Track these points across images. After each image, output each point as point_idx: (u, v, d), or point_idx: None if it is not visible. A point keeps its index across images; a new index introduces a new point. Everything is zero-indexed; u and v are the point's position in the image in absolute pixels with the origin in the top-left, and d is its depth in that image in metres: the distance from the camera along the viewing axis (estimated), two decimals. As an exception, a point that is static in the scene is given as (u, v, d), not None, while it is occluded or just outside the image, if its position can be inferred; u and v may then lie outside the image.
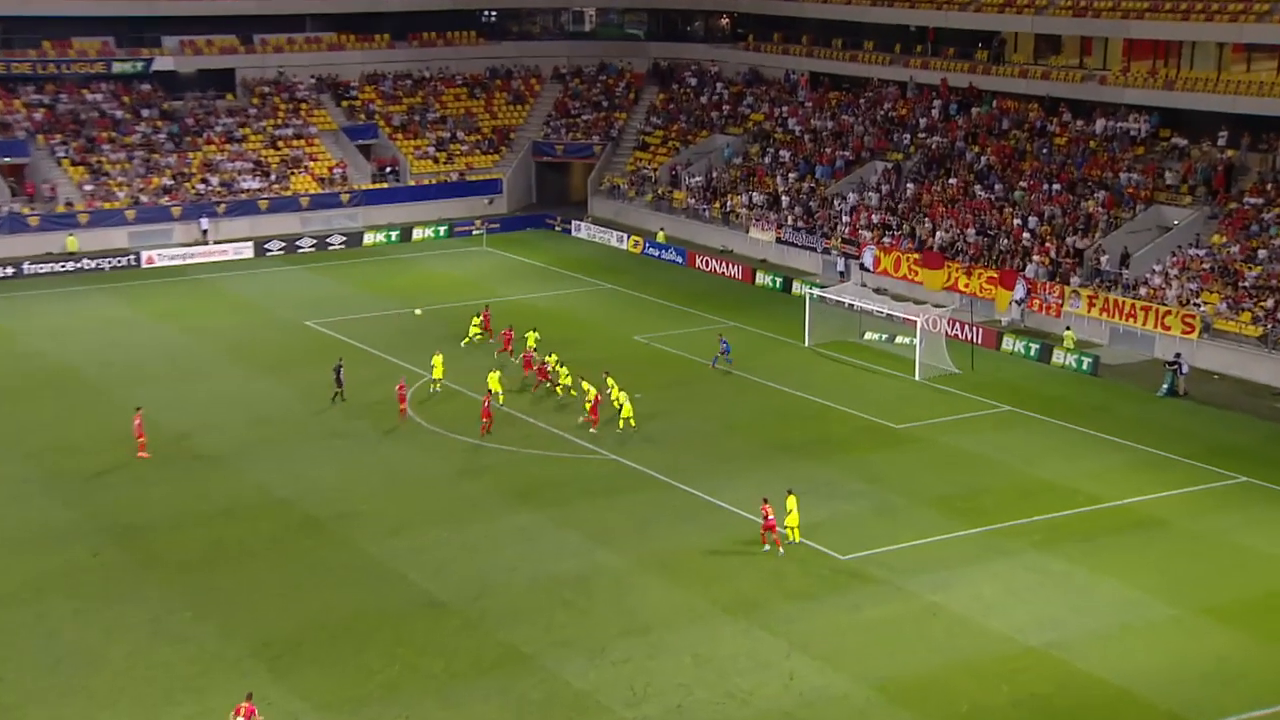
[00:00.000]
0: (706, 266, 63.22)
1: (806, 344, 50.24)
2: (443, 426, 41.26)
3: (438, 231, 69.64)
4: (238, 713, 24.80)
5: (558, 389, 43.81)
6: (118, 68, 70.99)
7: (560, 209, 74.35)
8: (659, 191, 71.50)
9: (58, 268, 60.12)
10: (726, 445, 40.13)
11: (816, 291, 52.57)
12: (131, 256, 62.11)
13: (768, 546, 32.81)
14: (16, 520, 33.64)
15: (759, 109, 74.29)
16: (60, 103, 69.36)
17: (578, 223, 71.03)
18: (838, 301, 51.25)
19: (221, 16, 74.06)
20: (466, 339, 47.93)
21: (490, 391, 42.06)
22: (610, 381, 42.39)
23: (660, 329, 52.74)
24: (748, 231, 65.53)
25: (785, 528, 33.03)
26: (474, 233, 69.37)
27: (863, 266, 58.70)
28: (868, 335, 50.75)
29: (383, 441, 40.10)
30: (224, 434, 40.33)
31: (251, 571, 31.50)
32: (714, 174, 70.46)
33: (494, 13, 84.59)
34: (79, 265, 60.60)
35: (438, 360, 44.20)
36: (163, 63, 72.10)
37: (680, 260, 64.67)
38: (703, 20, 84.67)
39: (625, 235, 68.17)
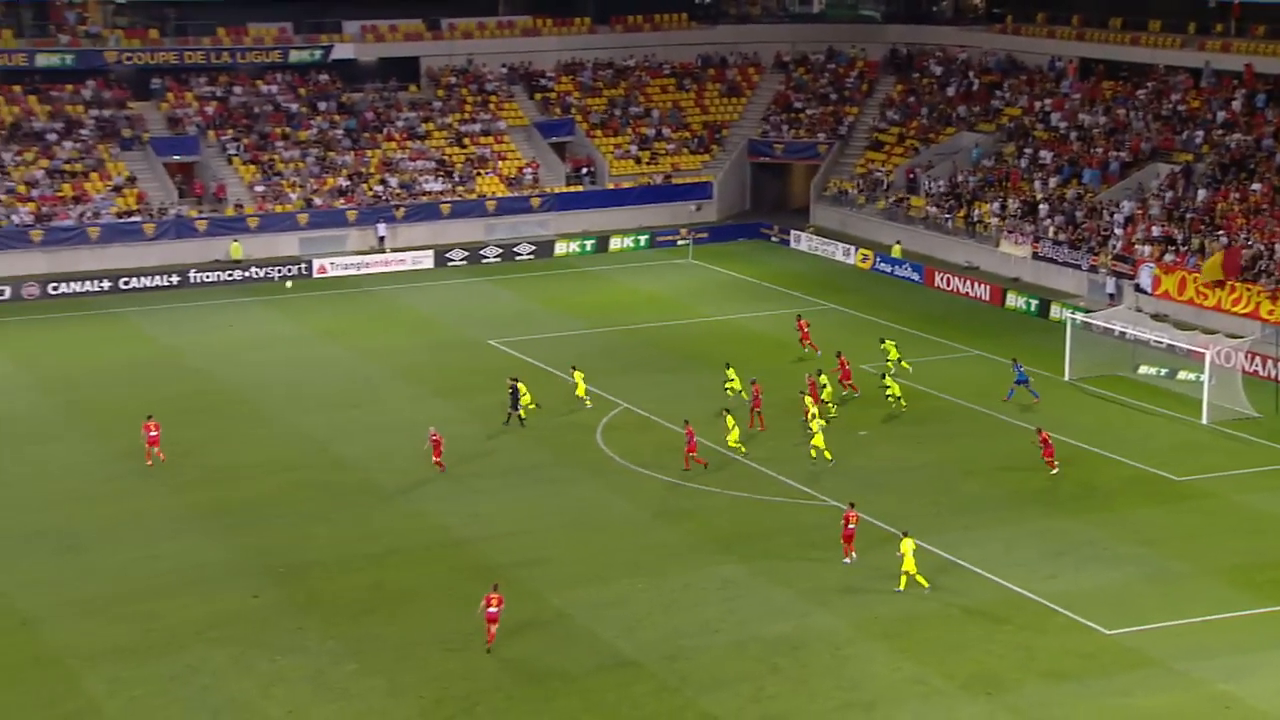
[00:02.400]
0: (948, 285, 62.18)
1: (1067, 378, 48.87)
2: (636, 462, 41.60)
3: (638, 241, 70.51)
4: (488, 603, 30.12)
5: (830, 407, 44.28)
6: (295, 56, 74.62)
7: (778, 217, 74.31)
8: (893, 198, 70.73)
9: (224, 276, 63.40)
10: (965, 493, 39.29)
11: (1081, 317, 51.07)
12: (302, 265, 64.95)
13: (848, 559, 34.41)
14: (172, 559, 35.35)
15: (1016, 102, 72.75)
16: (233, 95, 73.33)
17: (797, 233, 70.82)
18: (1106, 329, 49.72)
19: (407, -1, 77.12)
20: (730, 385, 45.42)
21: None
22: (807, 401, 42.85)
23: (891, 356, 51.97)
24: (998, 245, 64.16)
25: (903, 572, 33.26)
26: (679, 243, 69.95)
27: (1138, 288, 56.77)
28: (1143, 369, 49.09)
29: (569, 477, 40.68)
30: (394, 465, 41.60)
31: (421, 620, 32.31)
32: (959, 178, 69.29)
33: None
34: (246, 274, 63.75)
35: (579, 377, 45.56)
36: (342, 50, 75.42)
37: (917, 278, 63.77)
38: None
39: (852, 248, 67.64)
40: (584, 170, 74.79)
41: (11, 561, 34.85)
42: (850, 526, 34.75)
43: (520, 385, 44.06)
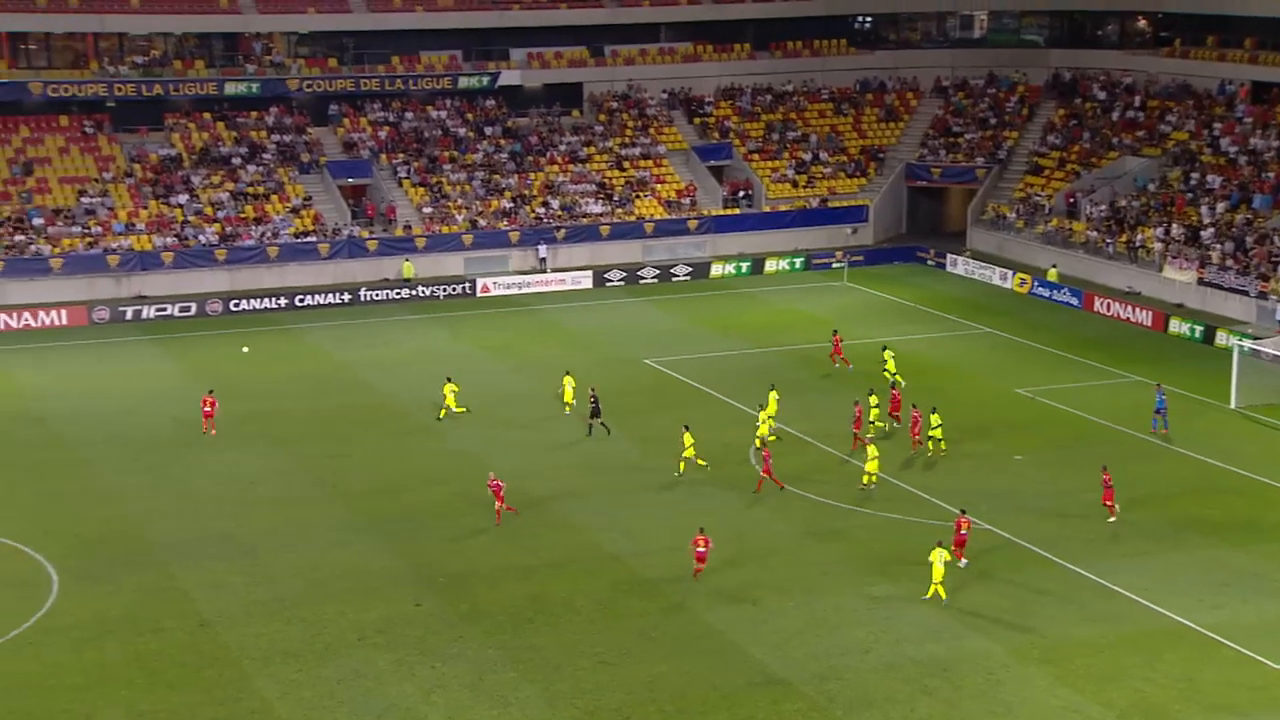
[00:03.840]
0: (1108, 310, 60.58)
1: (1233, 405, 47.21)
2: (788, 481, 41.26)
3: (793, 264, 70.15)
4: (696, 543, 33.56)
5: (930, 445, 42.94)
6: (463, 82, 76.10)
7: (934, 241, 73.32)
8: (1052, 222, 69.16)
9: (393, 294, 64.81)
10: (1126, 521, 38.17)
11: (1248, 344, 49.26)
12: (467, 284, 66.07)
13: (964, 562, 34.53)
14: (337, 567, 36.08)
15: (1183, 126, 70.64)
16: (405, 120, 75.04)
17: (954, 256, 69.75)
18: (1276, 356, 47.73)
19: (571, 27, 77.96)
20: (877, 422, 44.79)
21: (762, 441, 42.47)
22: (935, 420, 42.23)
23: (1048, 381, 50.93)
24: (1161, 270, 62.29)
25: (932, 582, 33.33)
26: (834, 266, 69.41)
27: (1310, 315, 54.52)
28: (1314, 399, 47.02)
29: (721, 495, 40.52)
30: (553, 480, 41.93)
31: (577, 633, 32.46)
32: (1122, 202, 67.43)
33: (869, 19, 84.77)
34: (414, 293, 65.08)
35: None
36: (508, 77, 76.65)
37: (1075, 302, 62.26)
38: (1117, 23, 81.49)
39: (1009, 272, 66.35)
40: (741, 193, 74.70)
41: (196, 564, 35.97)
42: (962, 533, 34.83)
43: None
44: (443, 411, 47.23)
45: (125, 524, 38.57)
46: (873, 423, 44.24)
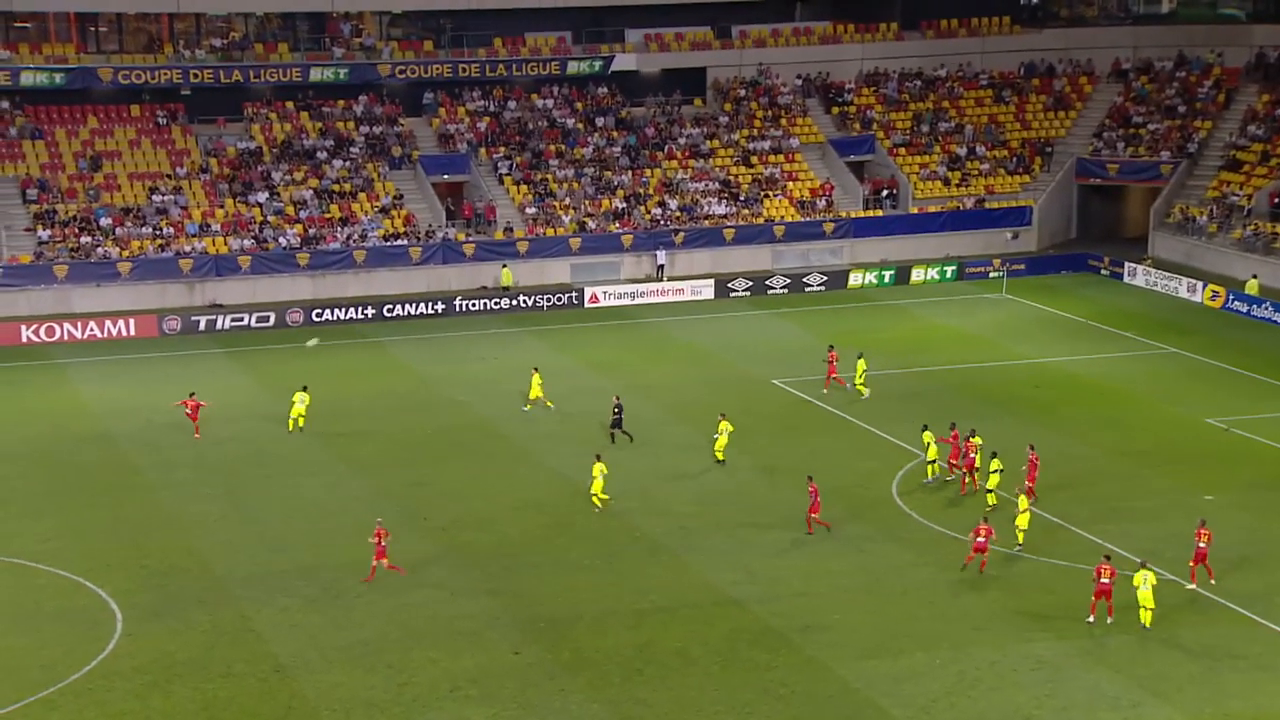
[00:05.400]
0: (1317, 328, 59.10)
1: None
2: (938, 521, 40.76)
3: (944, 272, 69.49)
4: (976, 534, 35.86)
5: (988, 493, 41.86)
6: (573, 68, 76.75)
7: (1109, 247, 72.33)
8: (1252, 226, 67.64)
9: (491, 304, 65.45)
10: (1338, 576, 36.98)
11: None
12: (573, 293, 66.48)
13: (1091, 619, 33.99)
14: (425, 608, 36.34)
15: (1406, 114, 68.65)
16: (507, 110, 75.89)
17: (1133, 265, 68.65)
18: None
19: (694, 4, 78.30)
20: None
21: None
22: (995, 465, 41.18)
23: (1244, 410, 49.86)
24: (1380, 282, 60.56)
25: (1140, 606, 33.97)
26: (991, 275, 68.69)
27: None
28: None
29: (859, 535, 40.18)
30: (666, 514, 41.93)
31: (692, 687, 32.33)
32: (1333, 202, 65.75)
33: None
34: (514, 302, 65.65)
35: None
36: (623, 61, 77.14)
37: (1279, 319, 60.73)
38: (1334, -9, 79.62)
39: (1199, 284, 65.11)
40: (885, 193, 74.23)
41: (270, 602, 36.51)
42: (1103, 581, 34.06)
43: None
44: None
45: (195, 557, 39.34)
46: (932, 462, 43.09)
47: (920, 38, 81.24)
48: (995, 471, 41.54)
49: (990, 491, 41.59)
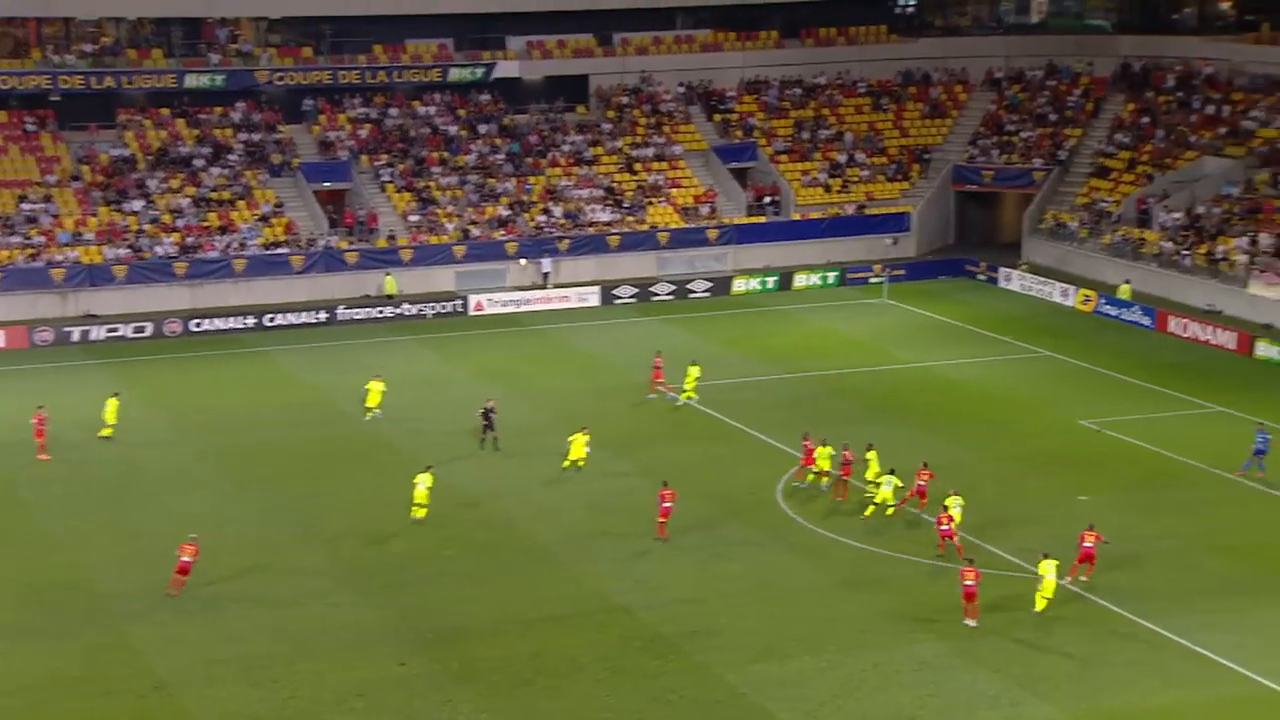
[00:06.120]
0: (1185, 331, 60.63)
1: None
2: (822, 524, 41.28)
3: (825, 278, 70.28)
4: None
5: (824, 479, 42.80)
6: (455, 75, 76.50)
7: (985, 252, 73.49)
8: (1121, 232, 69.26)
9: (374, 313, 65.01)
10: (1207, 571, 38.19)
11: (1344, 369, 49.13)
12: (459, 301, 66.27)
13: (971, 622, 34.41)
14: (315, 622, 36.09)
15: (1271, 123, 70.79)
16: (388, 117, 75.45)
17: (1008, 270, 69.89)
18: (1375, 384, 47.67)
19: (576, 12, 78.39)
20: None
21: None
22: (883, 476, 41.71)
23: (1116, 412, 50.97)
24: (1246, 286, 62.29)
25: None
26: (872, 280, 69.56)
27: None
28: None
29: (745, 540, 40.56)
30: (557, 523, 41.99)
31: (582, 695, 32.43)
32: (1200, 209, 67.50)
33: (912, 2, 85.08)
34: (398, 311, 65.28)
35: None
36: (505, 68, 77.04)
37: (1148, 323, 62.34)
38: (1195, 6, 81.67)
39: (1072, 288, 66.47)
40: (767, 199, 74.92)
41: (151, 619, 35.98)
42: (967, 584, 34.71)
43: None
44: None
45: (73, 573, 38.67)
46: (818, 474, 43.44)
47: (800, 46, 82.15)
48: (881, 476, 42.13)
49: (874, 485, 42.13)
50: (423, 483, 41.56)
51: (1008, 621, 35.37)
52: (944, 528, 38.87)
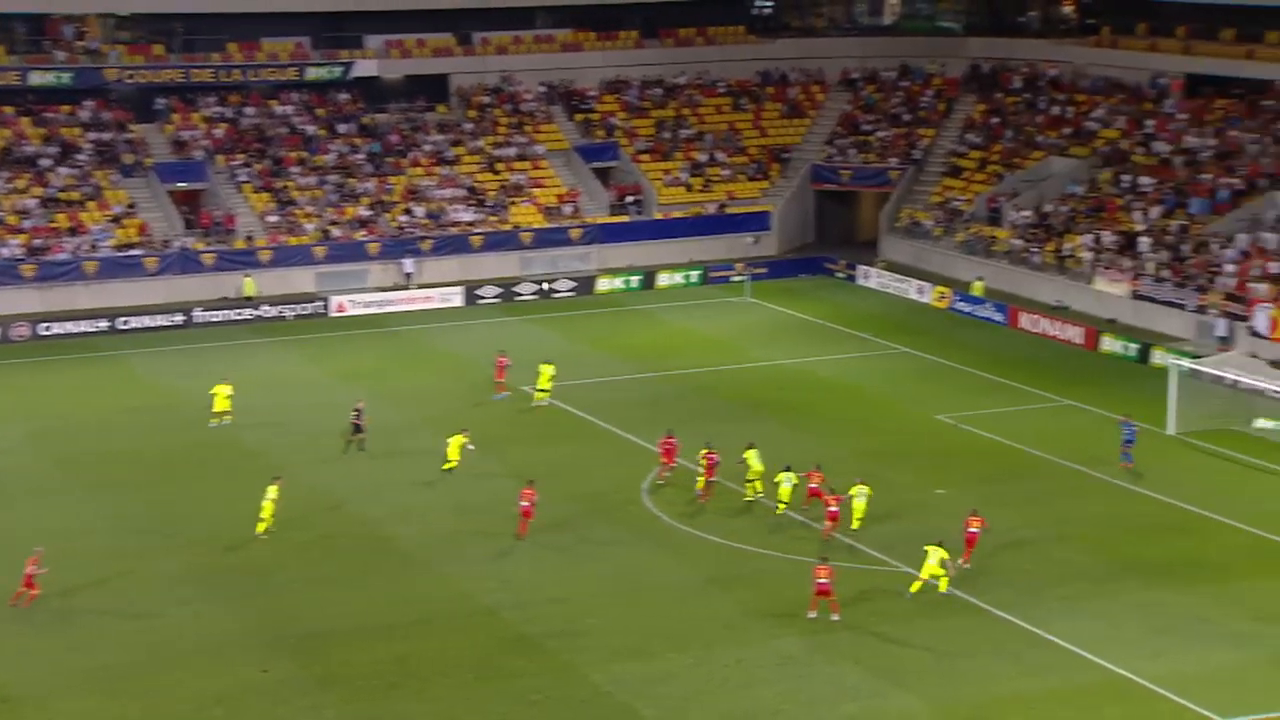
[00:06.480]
0: (1035, 327, 62.02)
1: (1171, 431, 48.50)
2: (688, 522, 41.56)
3: (688, 277, 70.73)
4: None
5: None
6: (312, 74, 75.63)
7: (844, 250, 74.46)
8: (974, 230, 70.64)
9: (233, 315, 64.05)
10: (1059, 561, 39.05)
11: (1187, 363, 50.71)
12: (319, 303, 65.56)
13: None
14: (173, 630, 35.45)
15: (1113, 123, 72.66)
16: (244, 116, 74.35)
17: (866, 268, 70.89)
18: (1217, 377, 49.34)
19: (435, 10, 77.96)
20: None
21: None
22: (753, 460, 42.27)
23: (971, 407, 51.95)
24: (1092, 282, 63.91)
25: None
26: (734, 279, 70.15)
27: (1253, 331, 56.33)
28: (1260, 423, 48.65)
29: (611, 539, 40.70)
30: (422, 525, 41.74)
31: (448, 699, 32.27)
32: (1048, 207, 69.13)
33: (769, 4, 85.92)
34: (257, 313, 64.37)
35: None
36: (364, 67, 76.37)
37: (1000, 318, 63.64)
38: (1040, 9, 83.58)
39: (928, 285, 67.62)
40: (629, 199, 75.19)
41: (-2, 629, 35.16)
42: (820, 581, 35.12)
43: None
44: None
45: (-81, 585, 37.56)
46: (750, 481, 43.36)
47: (659, 46, 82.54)
48: (755, 472, 42.57)
49: (751, 484, 42.59)
50: (270, 495, 40.80)
51: (870, 615, 35.86)
52: (831, 509, 39.82)
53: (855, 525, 40.56)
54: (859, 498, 40.55)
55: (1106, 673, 32.88)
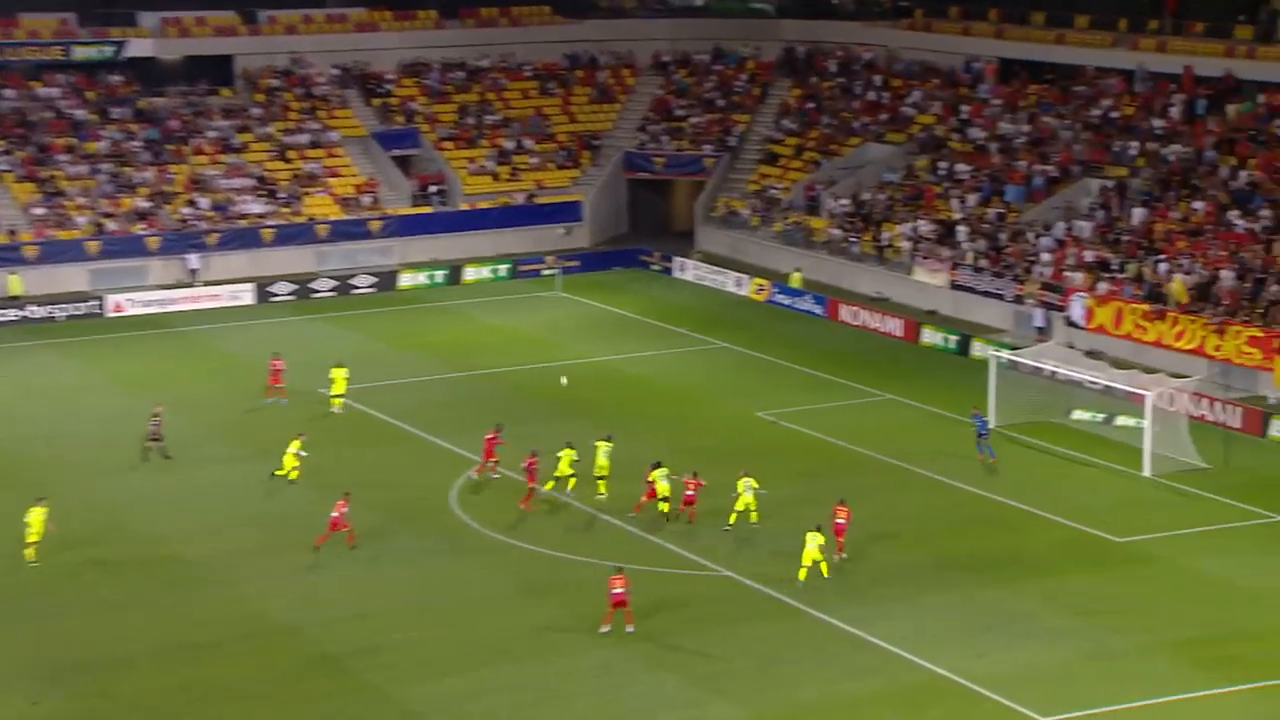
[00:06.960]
0: (855, 319, 63.31)
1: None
2: (498, 529, 41.66)
3: (497, 271, 70.75)
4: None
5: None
6: (80, 53, 73.82)
7: (659, 242, 75.10)
8: (792, 219, 71.83)
9: (-2, 316, 62.43)
10: (879, 560, 39.96)
11: (1005, 354, 52.28)
12: (94, 302, 64.07)
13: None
14: (-65, 656, 34.58)
15: (928, 109, 74.52)
16: (4, 99, 72.23)
17: (681, 260, 71.63)
18: (1035, 368, 50.87)
19: (217, -13, 76.79)
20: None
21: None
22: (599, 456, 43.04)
23: (791, 402, 52.87)
24: (911, 273, 65.48)
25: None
26: (545, 273, 70.32)
27: (1070, 321, 58.26)
28: (1077, 414, 50.26)
29: (417, 548, 40.61)
30: (212, 540, 41.15)
31: (245, 722, 32.01)
32: (865, 196, 70.63)
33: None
34: (24, 314, 62.69)
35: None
36: (139, 46, 74.80)
37: (820, 310, 64.81)
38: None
39: (745, 277, 68.58)
40: (432, 189, 74.87)
41: None
42: (616, 592, 35.28)
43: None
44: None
45: None
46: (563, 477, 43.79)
47: (460, 26, 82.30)
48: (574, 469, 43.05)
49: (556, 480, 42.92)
50: (34, 517, 39.46)
51: (689, 621, 36.34)
52: (689, 492, 41.15)
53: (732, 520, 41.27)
54: (745, 490, 41.11)
55: (929, 673, 33.81)
